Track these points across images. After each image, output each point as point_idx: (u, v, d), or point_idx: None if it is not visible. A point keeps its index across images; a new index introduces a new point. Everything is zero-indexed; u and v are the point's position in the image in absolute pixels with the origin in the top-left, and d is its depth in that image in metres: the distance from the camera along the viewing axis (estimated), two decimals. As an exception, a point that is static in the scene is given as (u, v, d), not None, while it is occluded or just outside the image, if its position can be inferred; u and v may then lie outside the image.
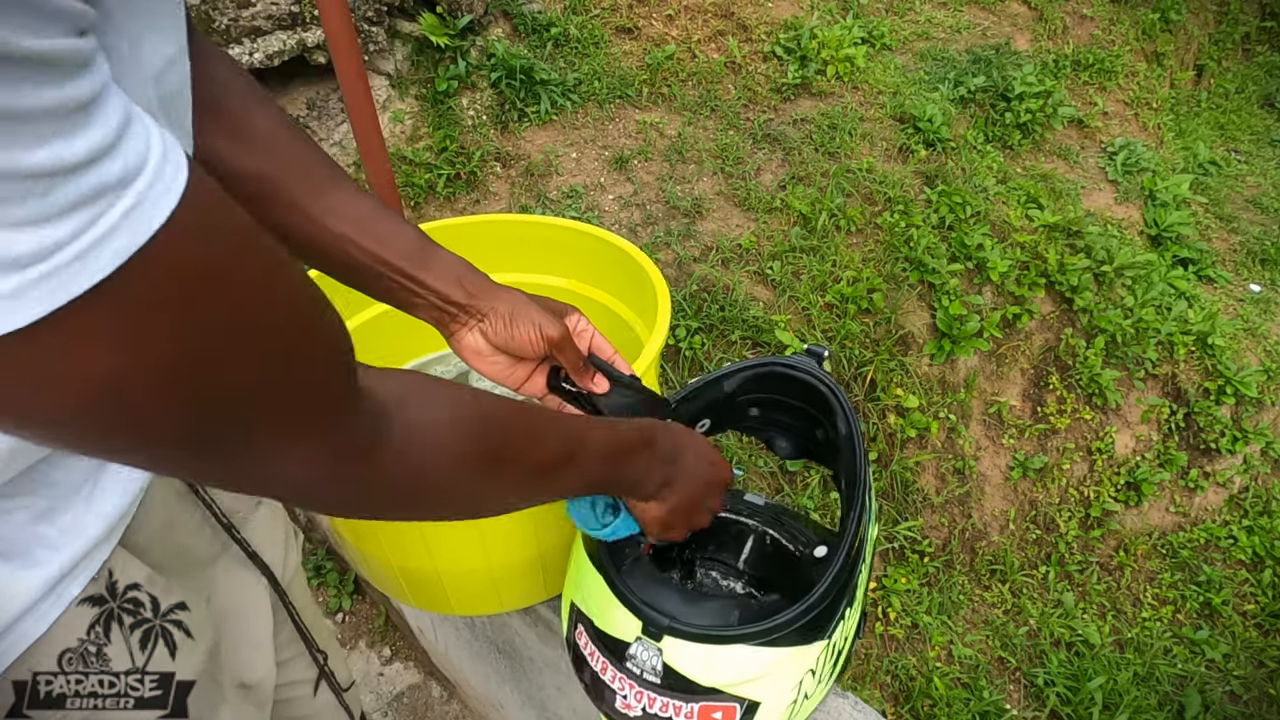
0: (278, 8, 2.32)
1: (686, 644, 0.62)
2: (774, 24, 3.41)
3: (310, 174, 0.62)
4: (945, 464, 2.64)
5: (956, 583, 2.52)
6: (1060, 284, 2.86)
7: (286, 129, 0.62)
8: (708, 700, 0.62)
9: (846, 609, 0.66)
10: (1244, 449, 2.93)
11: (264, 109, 0.61)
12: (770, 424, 0.85)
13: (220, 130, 0.58)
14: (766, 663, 0.62)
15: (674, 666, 0.62)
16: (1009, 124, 3.40)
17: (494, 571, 0.85)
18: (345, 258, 0.63)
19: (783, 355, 0.82)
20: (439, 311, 0.66)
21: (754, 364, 0.81)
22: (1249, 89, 5.06)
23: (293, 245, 0.64)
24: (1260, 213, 3.86)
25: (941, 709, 2.18)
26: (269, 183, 0.60)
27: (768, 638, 0.61)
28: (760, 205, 2.69)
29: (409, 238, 0.65)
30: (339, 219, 0.62)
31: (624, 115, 2.97)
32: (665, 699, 0.63)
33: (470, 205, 2.60)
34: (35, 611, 0.46)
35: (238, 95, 0.60)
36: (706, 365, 2.29)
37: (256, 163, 0.60)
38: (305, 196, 0.62)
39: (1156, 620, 2.65)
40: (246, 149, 0.59)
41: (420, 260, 0.64)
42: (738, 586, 0.85)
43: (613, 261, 1.02)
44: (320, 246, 0.63)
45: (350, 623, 1.88)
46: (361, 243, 0.62)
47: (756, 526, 0.83)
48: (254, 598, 0.71)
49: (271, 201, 0.61)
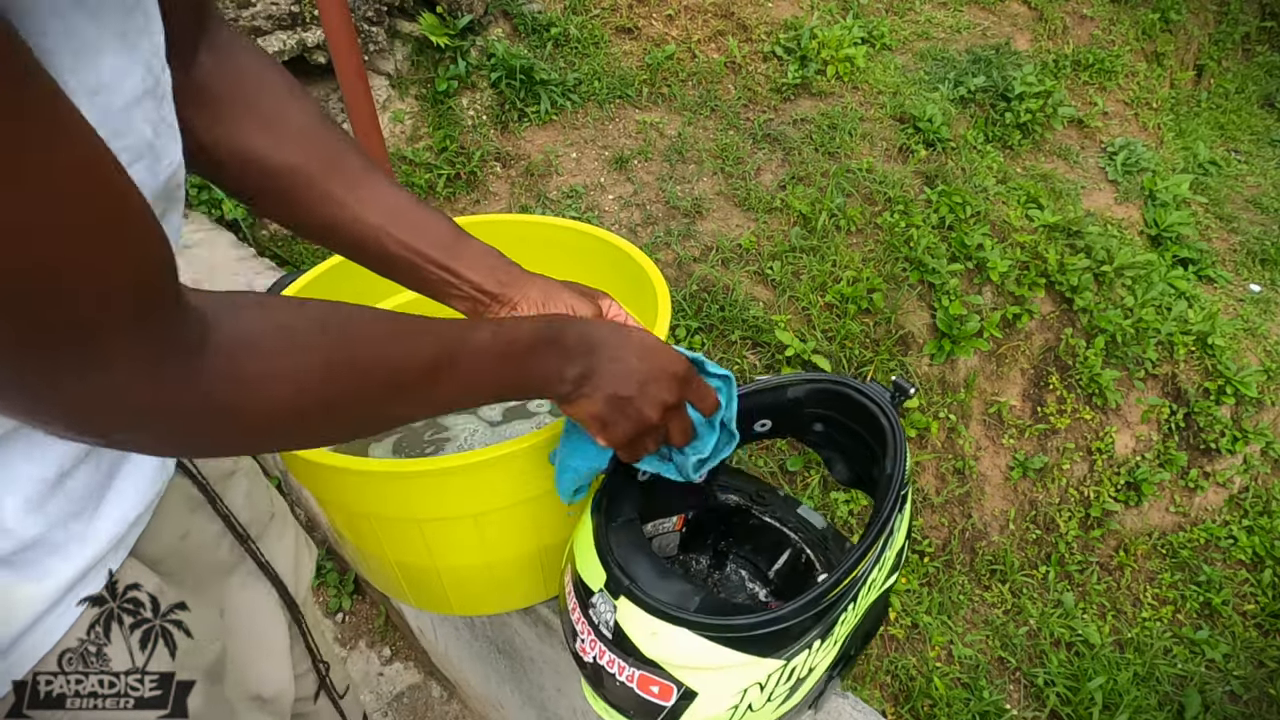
0: (278, 8, 2.32)
1: (639, 610, 0.62)
2: (774, 24, 3.41)
3: (344, 167, 0.63)
4: (945, 464, 2.64)
5: (956, 583, 2.52)
6: (1060, 284, 2.86)
7: (321, 123, 0.63)
8: (648, 671, 0.63)
9: (817, 641, 0.65)
10: (1244, 449, 2.93)
11: (299, 104, 0.63)
12: (831, 443, 0.82)
13: (255, 125, 0.60)
14: (712, 657, 0.61)
15: (624, 628, 0.63)
16: (1009, 124, 3.40)
17: (494, 570, 0.85)
18: (380, 249, 0.64)
19: (861, 381, 0.79)
20: (472, 301, 0.67)
21: (823, 379, 0.80)
22: (1249, 89, 5.06)
23: (329, 237, 0.65)
24: (1260, 213, 3.86)
25: (941, 709, 2.18)
26: (303, 176, 0.62)
27: (717, 634, 0.61)
28: (760, 205, 2.69)
29: (442, 228, 0.66)
30: (373, 210, 0.63)
31: (624, 115, 2.97)
32: (613, 655, 0.64)
33: (470, 205, 2.60)
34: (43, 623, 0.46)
35: (273, 91, 0.61)
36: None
37: (291, 156, 0.61)
38: (340, 189, 0.63)
39: (1156, 620, 2.65)
40: (280, 143, 0.61)
41: (454, 251, 0.65)
42: (761, 592, 0.85)
43: (613, 261, 1.02)
44: (356, 238, 0.64)
45: (350, 623, 1.88)
46: (396, 234, 0.63)
47: (796, 541, 0.82)
48: (269, 610, 0.71)
49: (307, 194, 0.62)
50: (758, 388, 0.80)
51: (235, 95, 0.60)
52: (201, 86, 0.59)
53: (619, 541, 0.68)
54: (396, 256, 0.64)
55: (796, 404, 0.80)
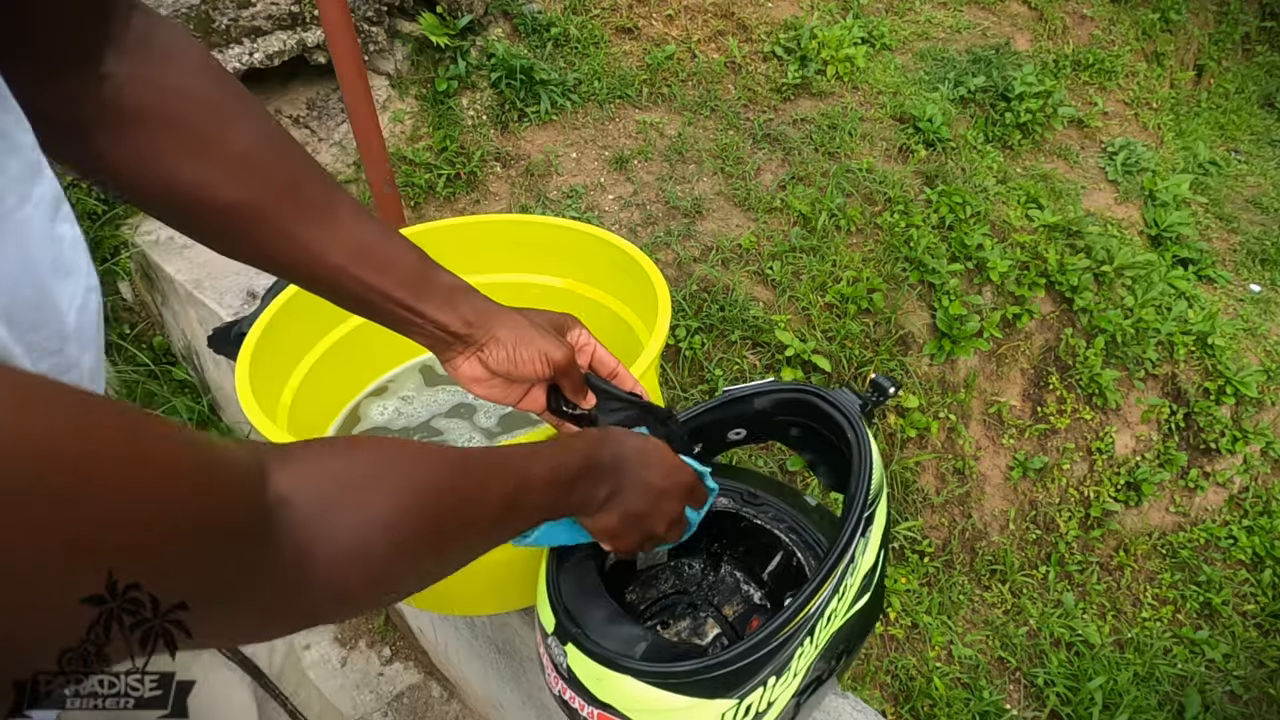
0: (278, 8, 2.32)
1: (584, 657, 0.63)
2: (774, 24, 3.41)
3: (299, 197, 0.57)
4: (945, 464, 2.64)
5: (956, 583, 2.52)
6: (1060, 284, 2.86)
7: (270, 144, 0.56)
8: (605, 711, 0.63)
9: (772, 678, 0.63)
10: (1244, 449, 2.93)
11: (243, 123, 0.54)
12: (809, 447, 0.80)
13: (193, 155, 0.52)
14: (660, 702, 0.61)
15: (575, 672, 0.64)
16: (1009, 124, 3.40)
17: (494, 571, 0.85)
18: (340, 289, 0.60)
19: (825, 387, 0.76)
20: (437, 340, 0.65)
21: (789, 388, 0.78)
22: (1249, 89, 5.06)
23: (285, 274, 0.61)
24: (1260, 213, 3.86)
25: (941, 709, 2.18)
26: (253, 211, 0.55)
27: (661, 680, 0.61)
28: (760, 205, 2.69)
29: (407, 265, 0.62)
30: (333, 249, 0.58)
31: (624, 115, 2.97)
32: (572, 693, 0.65)
33: (470, 205, 2.60)
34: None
35: (213, 111, 0.53)
36: (706, 365, 2.29)
37: (237, 191, 0.54)
38: (295, 224, 0.57)
39: (1156, 620, 2.65)
40: (225, 175, 0.53)
41: (418, 290, 0.62)
42: (755, 594, 0.85)
43: (613, 261, 1.02)
44: (314, 277, 0.60)
45: (350, 623, 1.88)
46: (357, 274, 0.59)
47: (787, 544, 0.81)
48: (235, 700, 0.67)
49: (258, 231, 0.56)
50: (727, 399, 0.80)
51: (156, 112, 0.50)
52: (110, 103, 0.48)
53: (569, 584, 0.68)
54: (359, 296, 0.61)
55: (765, 414, 0.80)
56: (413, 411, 1.08)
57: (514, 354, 0.64)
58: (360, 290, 0.60)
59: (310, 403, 1.00)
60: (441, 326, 0.63)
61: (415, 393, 1.11)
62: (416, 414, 1.08)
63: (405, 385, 1.12)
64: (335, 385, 1.06)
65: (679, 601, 0.86)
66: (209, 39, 2.21)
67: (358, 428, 1.07)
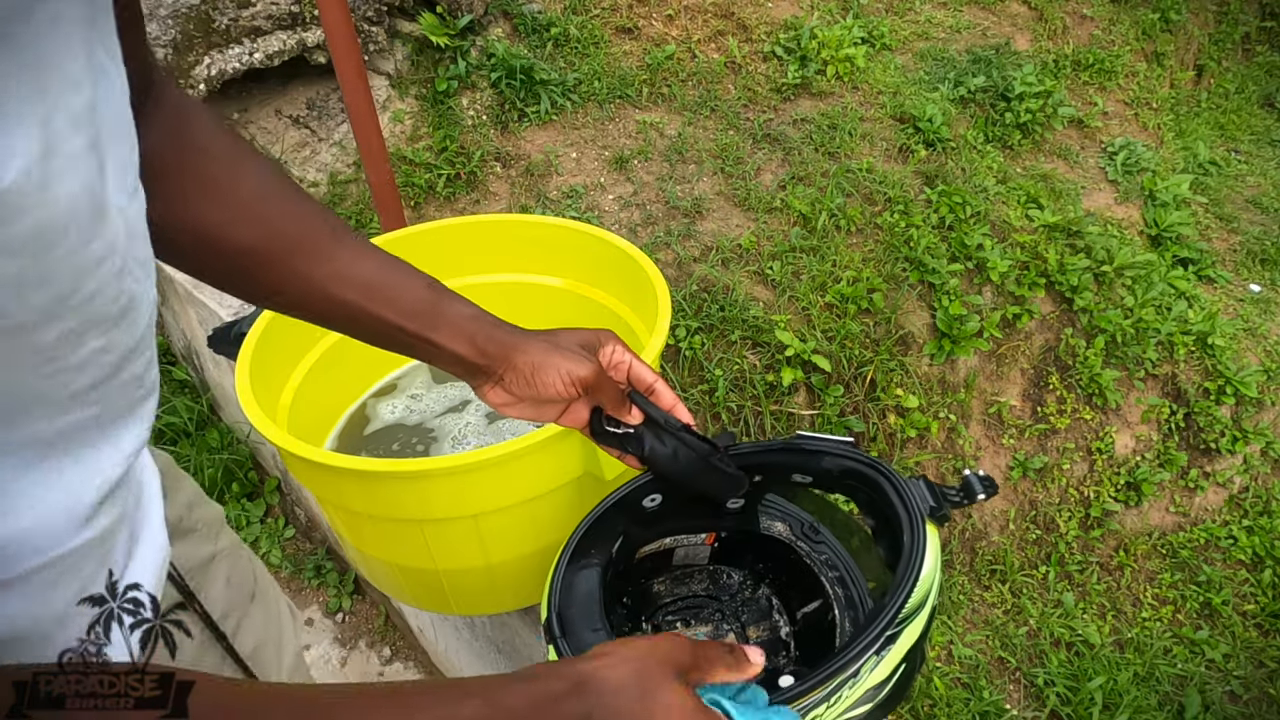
0: (278, 8, 2.32)
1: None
2: (774, 24, 3.41)
3: (307, 237, 0.59)
4: (945, 464, 2.64)
5: (956, 583, 2.52)
6: (1060, 284, 2.86)
7: (276, 187, 0.59)
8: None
9: None
10: (1244, 449, 2.93)
11: (250, 168, 0.58)
12: (874, 516, 0.72)
13: (208, 200, 0.56)
14: None
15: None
16: (1009, 124, 3.40)
17: (494, 571, 0.85)
18: (353, 323, 0.62)
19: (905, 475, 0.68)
20: (459, 368, 0.65)
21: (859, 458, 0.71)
22: (1249, 89, 5.05)
23: (297, 312, 0.62)
24: (1260, 213, 3.86)
25: (941, 709, 2.18)
26: (265, 254, 0.58)
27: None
28: (760, 205, 2.69)
29: (417, 295, 0.62)
30: (343, 285, 0.60)
31: (624, 115, 2.97)
32: None
33: (470, 205, 2.60)
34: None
35: (222, 159, 0.57)
36: (706, 365, 2.29)
37: (249, 234, 0.57)
38: (305, 264, 0.59)
39: (1156, 620, 2.65)
40: (236, 218, 0.56)
41: (430, 320, 0.62)
42: (784, 628, 0.82)
43: (612, 261, 1.02)
44: (326, 313, 0.62)
45: (350, 623, 1.88)
46: (369, 308, 0.61)
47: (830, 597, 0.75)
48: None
49: (270, 271, 0.59)
50: (796, 446, 0.75)
51: (180, 167, 0.55)
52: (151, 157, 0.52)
53: (568, 586, 0.67)
54: (372, 329, 0.62)
55: (829, 474, 0.74)
56: (423, 409, 1.09)
57: (532, 379, 0.63)
58: (375, 325, 0.62)
59: (311, 403, 1.00)
60: (457, 357, 0.63)
61: (424, 390, 1.12)
62: (428, 410, 1.08)
63: (414, 383, 1.13)
64: (337, 385, 1.06)
65: (709, 605, 0.84)
66: (209, 39, 2.21)
67: (368, 428, 1.07)
